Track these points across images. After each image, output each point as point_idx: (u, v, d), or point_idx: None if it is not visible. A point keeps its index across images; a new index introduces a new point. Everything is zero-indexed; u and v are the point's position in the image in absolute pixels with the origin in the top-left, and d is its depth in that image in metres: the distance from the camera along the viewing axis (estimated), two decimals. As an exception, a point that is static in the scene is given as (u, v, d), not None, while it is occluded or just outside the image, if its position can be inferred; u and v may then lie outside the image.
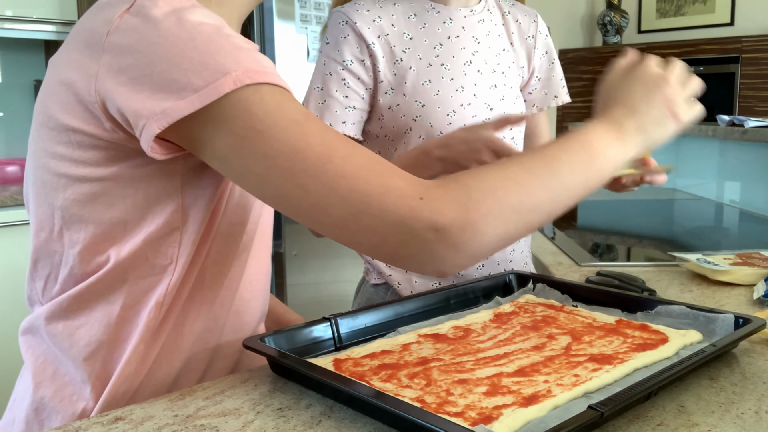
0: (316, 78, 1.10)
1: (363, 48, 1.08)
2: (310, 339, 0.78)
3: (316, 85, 1.09)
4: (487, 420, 0.58)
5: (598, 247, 1.57)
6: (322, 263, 3.05)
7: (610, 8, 4.74)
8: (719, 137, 2.09)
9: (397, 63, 1.09)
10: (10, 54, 2.80)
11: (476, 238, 0.61)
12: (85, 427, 0.62)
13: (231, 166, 0.63)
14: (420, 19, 1.12)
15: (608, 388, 0.66)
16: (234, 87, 0.61)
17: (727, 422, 0.62)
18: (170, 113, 0.61)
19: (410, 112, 1.08)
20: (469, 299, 0.96)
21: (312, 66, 2.93)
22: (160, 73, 0.61)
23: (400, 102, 1.09)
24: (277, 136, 0.61)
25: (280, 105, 0.63)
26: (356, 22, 1.08)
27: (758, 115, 3.07)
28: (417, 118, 1.08)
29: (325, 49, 1.10)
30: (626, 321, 0.84)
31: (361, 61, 1.08)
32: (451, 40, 1.12)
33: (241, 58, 0.63)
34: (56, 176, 0.70)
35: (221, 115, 0.61)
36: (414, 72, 1.09)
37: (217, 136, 0.62)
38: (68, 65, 0.68)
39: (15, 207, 2.27)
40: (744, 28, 4.27)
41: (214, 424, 0.62)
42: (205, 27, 0.64)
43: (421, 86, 1.09)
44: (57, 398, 0.74)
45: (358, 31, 1.08)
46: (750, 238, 1.75)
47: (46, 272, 0.76)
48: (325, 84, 1.08)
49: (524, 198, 0.64)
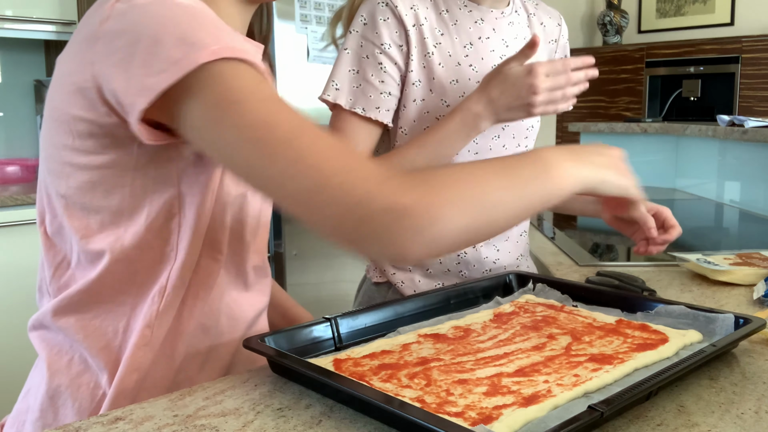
0: (350, 60, 1.05)
1: (402, 33, 1.05)
2: (310, 339, 0.78)
3: (351, 68, 1.04)
4: (487, 420, 0.58)
5: (598, 247, 1.57)
6: (322, 263, 3.05)
7: (610, 8, 4.74)
8: (719, 137, 2.09)
9: (427, 56, 1.06)
10: (10, 54, 2.80)
11: (435, 225, 0.60)
12: (85, 427, 0.62)
13: (203, 136, 0.64)
14: (452, 15, 1.09)
15: (608, 388, 0.66)
16: (210, 58, 0.62)
17: (727, 422, 0.62)
18: (152, 87, 0.62)
19: (435, 109, 1.06)
20: (469, 299, 0.96)
21: (312, 66, 2.94)
22: (144, 51, 0.63)
23: (426, 97, 1.06)
24: (249, 108, 0.62)
25: (255, 82, 0.64)
26: (397, 6, 1.04)
27: (758, 115, 3.07)
28: (440, 118, 1.05)
29: (361, 29, 1.05)
30: (626, 321, 0.85)
31: (399, 47, 1.05)
32: (482, 41, 1.10)
33: (221, 36, 0.64)
34: (61, 165, 0.73)
35: (197, 86, 0.62)
36: (442, 69, 1.06)
37: (193, 107, 0.63)
38: (69, 58, 0.71)
39: (15, 207, 2.27)
40: (744, 28, 4.27)
41: (214, 424, 0.62)
42: (190, 8, 0.65)
43: (449, 85, 1.06)
44: (74, 386, 0.76)
45: (399, 15, 1.04)
46: (750, 238, 1.75)
47: (57, 260, 0.78)
48: (361, 67, 1.04)
49: (487, 192, 0.64)
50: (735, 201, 2.10)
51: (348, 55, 1.05)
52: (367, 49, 1.04)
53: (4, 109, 2.82)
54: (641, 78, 4.43)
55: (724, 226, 1.93)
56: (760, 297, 1.00)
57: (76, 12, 2.62)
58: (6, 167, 2.65)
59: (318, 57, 2.96)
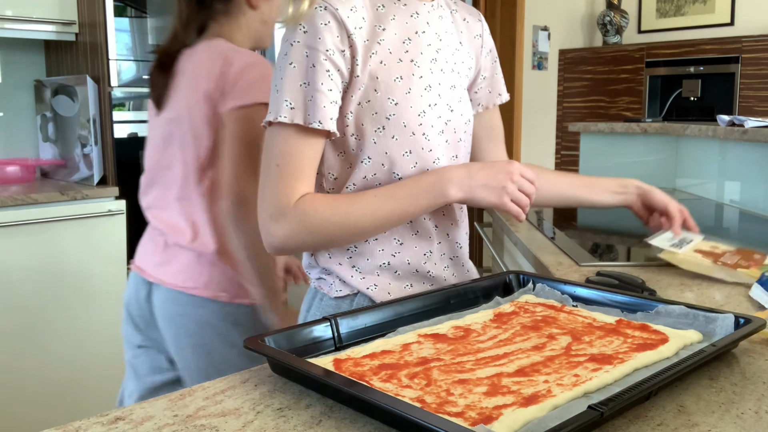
0: (297, 74, 0.97)
1: (344, 37, 0.99)
2: (310, 339, 0.78)
3: (301, 82, 0.97)
4: (487, 420, 0.59)
5: (598, 247, 1.57)
6: (322, 263, 3.05)
7: (610, 8, 4.74)
8: (719, 137, 2.09)
9: (371, 56, 1.01)
10: (10, 54, 2.80)
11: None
12: (85, 427, 0.62)
13: None
14: (388, 10, 1.05)
15: (608, 388, 0.66)
16: None
17: (727, 422, 0.62)
18: None
19: (383, 109, 1.01)
20: (469, 299, 0.96)
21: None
22: None
23: (372, 98, 1.01)
24: None
25: None
26: (337, 9, 0.98)
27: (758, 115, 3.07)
28: (391, 117, 1.01)
29: (302, 38, 0.97)
30: (626, 321, 0.85)
31: (342, 52, 0.99)
32: (419, 36, 1.06)
33: None
34: None
35: None
36: (385, 67, 1.02)
37: None
38: None
39: (15, 207, 2.27)
40: (744, 28, 4.27)
41: (214, 424, 0.62)
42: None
43: (393, 82, 1.02)
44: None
45: (340, 18, 0.98)
46: (750, 238, 1.75)
47: None
48: (310, 78, 0.97)
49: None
50: (735, 201, 2.10)
51: (294, 69, 0.97)
52: (313, 57, 0.97)
53: (4, 109, 2.82)
54: (641, 78, 4.43)
55: (724, 226, 1.93)
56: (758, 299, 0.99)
57: (76, 12, 2.62)
58: (6, 167, 2.65)
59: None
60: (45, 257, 2.35)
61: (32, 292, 2.34)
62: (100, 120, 2.56)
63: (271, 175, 0.98)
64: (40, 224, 2.33)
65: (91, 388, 2.48)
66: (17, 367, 2.31)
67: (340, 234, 0.99)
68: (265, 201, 0.98)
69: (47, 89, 2.79)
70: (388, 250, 1.05)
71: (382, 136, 1.01)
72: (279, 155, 0.98)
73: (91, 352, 2.48)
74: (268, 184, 0.98)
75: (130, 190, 2.61)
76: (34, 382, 2.35)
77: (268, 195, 0.98)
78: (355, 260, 1.05)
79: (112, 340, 2.51)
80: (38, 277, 2.34)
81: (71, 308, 2.42)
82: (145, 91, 2.60)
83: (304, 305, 1.16)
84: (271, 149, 0.99)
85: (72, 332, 2.43)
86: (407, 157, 1.02)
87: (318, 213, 0.96)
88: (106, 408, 0.75)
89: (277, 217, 0.97)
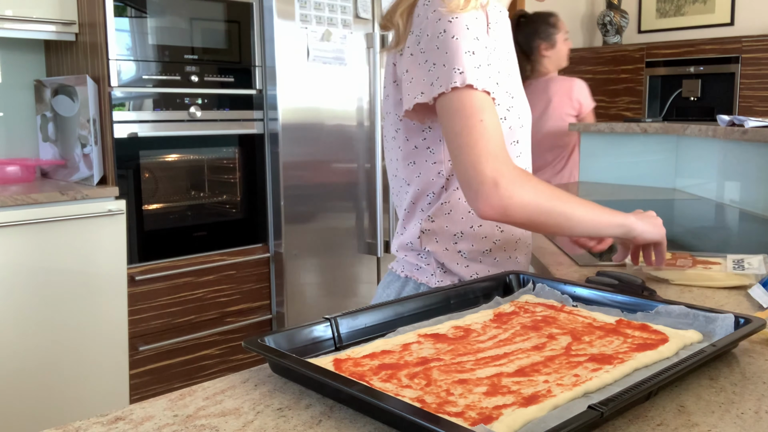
0: (463, 42, 0.97)
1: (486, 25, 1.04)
2: (310, 339, 0.78)
3: (468, 50, 0.98)
4: (487, 420, 0.59)
5: (598, 247, 1.56)
6: (322, 263, 3.05)
7: (610, 8, 4.74)
8: (719, 137, 2.09)
9: (495, 50, 1.06)
10: (10, 54, 2.80)
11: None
12: (85, 427, 0.62)
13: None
14: (495, 7, 1.09)
15: (608, 388, 0.66)
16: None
17: (727, 422, 0.62)
18: None
19: (503, 101, 1.07)
20: (469, 299, 0.96)
21: (312, 66, 2.94)
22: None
23: (494, 89, 1.02)
24: None
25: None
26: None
27: (758, 115, 3.07)
28: (510, 109, 1.08)
29: (455, 20, 0.99)
30: (626, 321, 0.85)
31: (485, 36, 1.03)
32: (504, 38, 1.11)
33: None
34: None
35: None
36: (498, 61, 1.07)
37: None
38: None
39: (15, 207, 2.27)
40: (744, 28, 4.28)
41: (214, 424, 0.62)
42: None
43: (507, 77, 1.08)
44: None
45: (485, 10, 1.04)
46: (750, 238, 1.75)
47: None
48: (476, 48, 0.98)
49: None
50: (735, 201, 2.10)
51: (456, 41, 0.98)
52: (474, 30, 0.99)
53: (4, 109, 2.82)
54: (641, 78, 4.44)
55: (724, 226, 1.93)
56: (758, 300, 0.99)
57: (76, 12, 2.62)
58: (6, 167, 2.65)
59: (318, 57, 2.96)
60: (45, 257, 2.35)
61: (32, 292, 2.34)
62: (100, 120, 2.56)
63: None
64: (40, 224, 2.33)
65: (91, 388, 2.48)
66: (17, 367, 2.31)
67: (557, 218, 1.00)
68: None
69: (47, 89, 2.79)
70: (490, 237, 1.13)
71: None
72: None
73: (91, 352, 2.48)
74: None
75: (130, 190, 2.61)
76: (34, 382, 2.35)
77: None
78: (461, 245, 1.12)
79: (111, 340, 2.52)
80: (38, 277, 2.34)
81: (71, 308, 2.42)
82: (145, 91, 2.61)
83: (386, 295, 1.17)
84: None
85: (72, 332, 2.43)
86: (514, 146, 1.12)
87: (549, 188, 1.01)
88: (106, 408, 0.74)
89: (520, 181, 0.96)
